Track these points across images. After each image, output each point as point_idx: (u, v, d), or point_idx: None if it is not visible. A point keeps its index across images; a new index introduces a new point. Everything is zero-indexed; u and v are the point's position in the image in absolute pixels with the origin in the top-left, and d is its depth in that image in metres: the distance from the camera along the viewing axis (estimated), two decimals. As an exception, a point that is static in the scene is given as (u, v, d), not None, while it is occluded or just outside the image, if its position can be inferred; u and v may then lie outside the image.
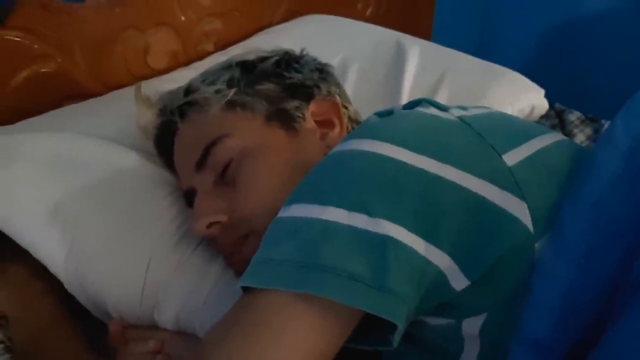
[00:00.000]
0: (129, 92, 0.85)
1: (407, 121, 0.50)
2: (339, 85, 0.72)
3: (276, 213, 0.58)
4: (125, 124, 0.75)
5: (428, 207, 0.43)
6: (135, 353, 0.62)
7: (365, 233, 0.42)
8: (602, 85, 1.43)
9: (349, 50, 0.96)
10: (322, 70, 0.71)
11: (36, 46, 0.79)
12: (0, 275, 0.66)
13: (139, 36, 0.88)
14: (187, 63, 0.95)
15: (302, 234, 0.44)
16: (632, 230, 0.41)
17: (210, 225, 0.60)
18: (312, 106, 0.66)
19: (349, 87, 0.87)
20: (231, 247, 0.61)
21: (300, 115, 0.65)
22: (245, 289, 0.46)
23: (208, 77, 0.67)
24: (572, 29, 1.48)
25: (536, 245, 0.44)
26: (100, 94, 0.85)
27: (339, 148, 0.49)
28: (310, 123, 0.65)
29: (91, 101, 0.82)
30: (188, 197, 0.66)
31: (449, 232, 0.43)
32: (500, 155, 0.47)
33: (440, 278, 0.44)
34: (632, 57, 1.37)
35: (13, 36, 0.76)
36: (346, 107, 0.69)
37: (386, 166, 0.45)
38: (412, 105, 0.56)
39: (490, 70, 0.93)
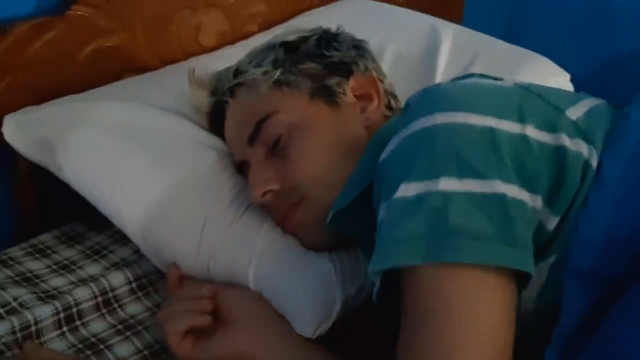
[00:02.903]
0: (182, 66, 0.93)
1: (479, 90, 0.55)
2: (374, 60, 0.78)
3: (324, 180, 0.65)
4: (181, 95, 0.82)
5: (525, 163, 0.49)
6: (185, 297, 0.67)
7: (482, 196, 0.47)
8: (630, 72, 1.45)
9: (385, 33, 1.01)
10: (359, 47, 0.76)
11: (102, 22, 0.86)
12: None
13: (192, 16, 0.95)
14: (233, 42, 1.02)
15: (423, 208, 0.47)
16: None
17: (265, 193, 0.67)
18: (352, 82, 0.72)
19: (385, 68, 0.92)
20: (284, 214, 0.68)
21: (342, 90, 0.71)
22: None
23: (254, 59, 0.73)
24: (602, 14, 1.50)
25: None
26: (156, 68, 0.92)
27: (422, 124, 0.51)
28: (350, 97, 0.71)
29: (150, 74, 0.89)
30: (240, 168, 0.73)
31: (542, 181, 0.50)
32: (563, 111, 0.54)
33: (540, 223, 0.50)
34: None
35: (84, 12, 0.84)
36: (382, 81, 0.75)
37: (480, 133, 0.50)
38: (464, 78, 0.62)
39: (519, 54, 0.98)
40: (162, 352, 0.65)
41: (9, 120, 0.76)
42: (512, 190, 0.48)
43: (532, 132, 0.51)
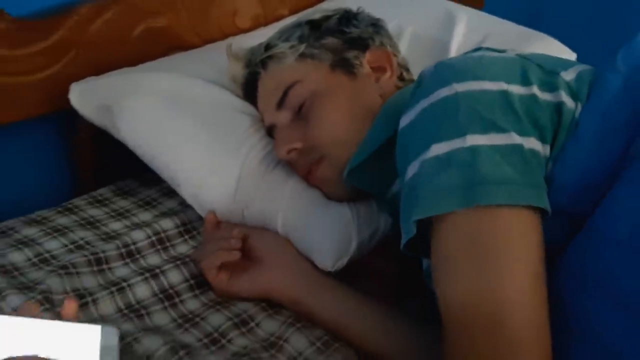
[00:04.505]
0: (221, 45, 1.04)
1: (487, 60, 0.62)
2: (390, 37, 0.87)
3: (342, 140, 0.75)
4: (220, 69, 0.93)
5: (536, 117, 0.57)
6: (218, 238, 0.78)
7: (504, 147, 0.54)
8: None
9: (403, 16, 1.10)
10: (376, 25, 0.86)
11: (151, 5, 0.98)
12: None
13: (230, 1, 1.07)
14: (266, 24, 1.13)
15: (455, 163, 0.54)
16: (629, 128, 0.57)
17: (289, 151, 0.77)
18: (368, 55, 0.82)
19: (402, 49, 1.01)
20: (306, 170, 0.78)
21: (359, 62, 0.81)
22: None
23: (283, 35, 0.84)
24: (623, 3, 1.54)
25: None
26: (198, 47, 1.03)
27: (443, 94, 0.57)
28: (366, 69, 0.81)
29: (193, 51, 1.01)
30: (270, 131, 0.83)
31: (549, 132, 0.58)
32: (558, 74, 0.61)
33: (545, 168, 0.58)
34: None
35: (135, -4, 0.96)
36: (395, 55, 0.85)
37: (496, 96, 0.57)
38: (473, 51, 0.70)
39: (527, 34, 1.07)
40: (205, 282, 0.77)
41: (75, 88, 0.89)
42: (528, 141, 0.56)
43: (537, 91, 0.59)
